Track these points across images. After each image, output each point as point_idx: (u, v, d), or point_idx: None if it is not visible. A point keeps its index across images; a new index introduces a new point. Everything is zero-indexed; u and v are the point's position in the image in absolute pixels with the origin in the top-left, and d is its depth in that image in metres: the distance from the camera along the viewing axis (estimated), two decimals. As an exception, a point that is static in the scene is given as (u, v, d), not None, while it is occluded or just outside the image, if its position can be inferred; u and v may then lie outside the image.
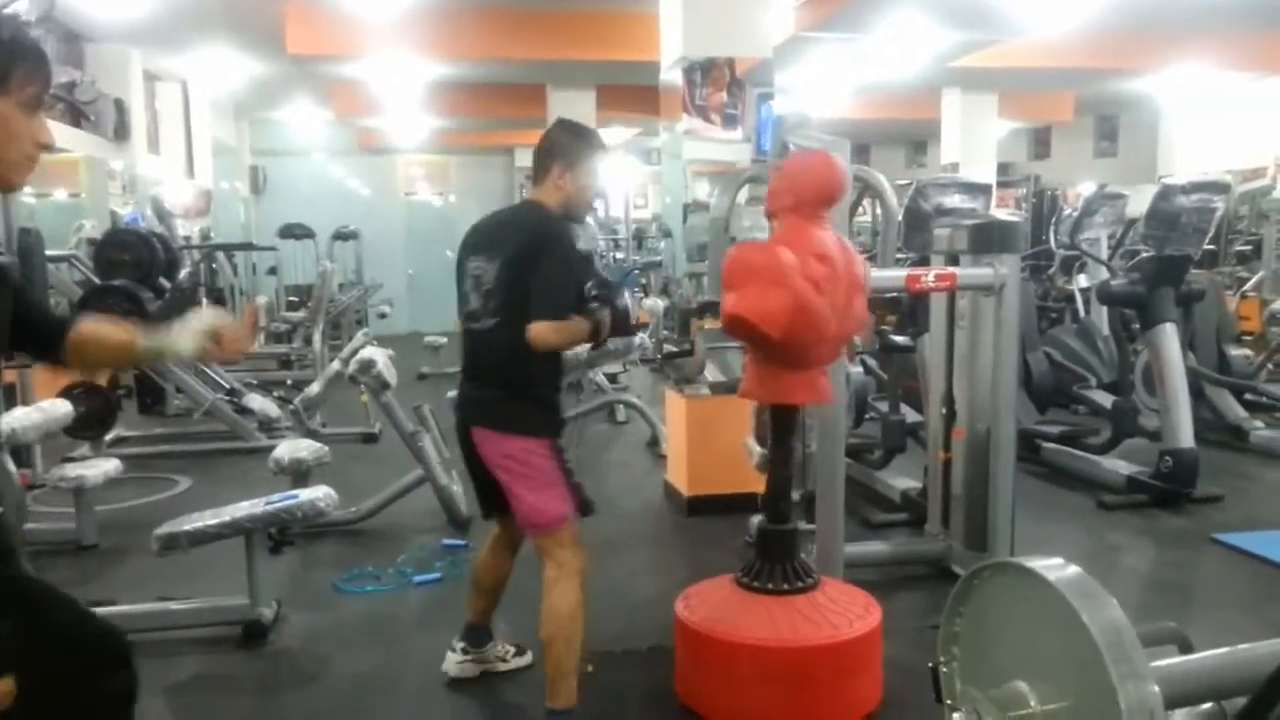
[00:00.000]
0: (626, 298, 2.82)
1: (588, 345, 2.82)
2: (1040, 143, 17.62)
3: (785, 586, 2.82)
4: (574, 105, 10.20)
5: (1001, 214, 4.48)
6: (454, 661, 3.08)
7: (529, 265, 2.56)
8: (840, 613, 2.79)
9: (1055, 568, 1.43)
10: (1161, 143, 14.48)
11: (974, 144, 12.30)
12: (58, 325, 1.82)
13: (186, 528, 3.38)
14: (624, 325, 2.80)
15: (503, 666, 3.15)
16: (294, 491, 3.62)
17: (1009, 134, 15.02)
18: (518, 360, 2.60)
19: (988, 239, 3.78)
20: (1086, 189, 14.06)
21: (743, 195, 4.89)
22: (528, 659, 3.16)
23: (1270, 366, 7.35)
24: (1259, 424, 6.16)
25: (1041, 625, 1.43)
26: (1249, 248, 10.99)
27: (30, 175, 1.54)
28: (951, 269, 3.72)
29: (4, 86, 1.45)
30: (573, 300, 2.63)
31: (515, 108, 11.84)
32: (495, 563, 3.02)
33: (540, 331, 2.53)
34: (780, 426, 2.91)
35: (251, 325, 2.10)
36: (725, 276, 2.69)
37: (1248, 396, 6.44)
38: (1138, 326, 5.35)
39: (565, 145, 2.72)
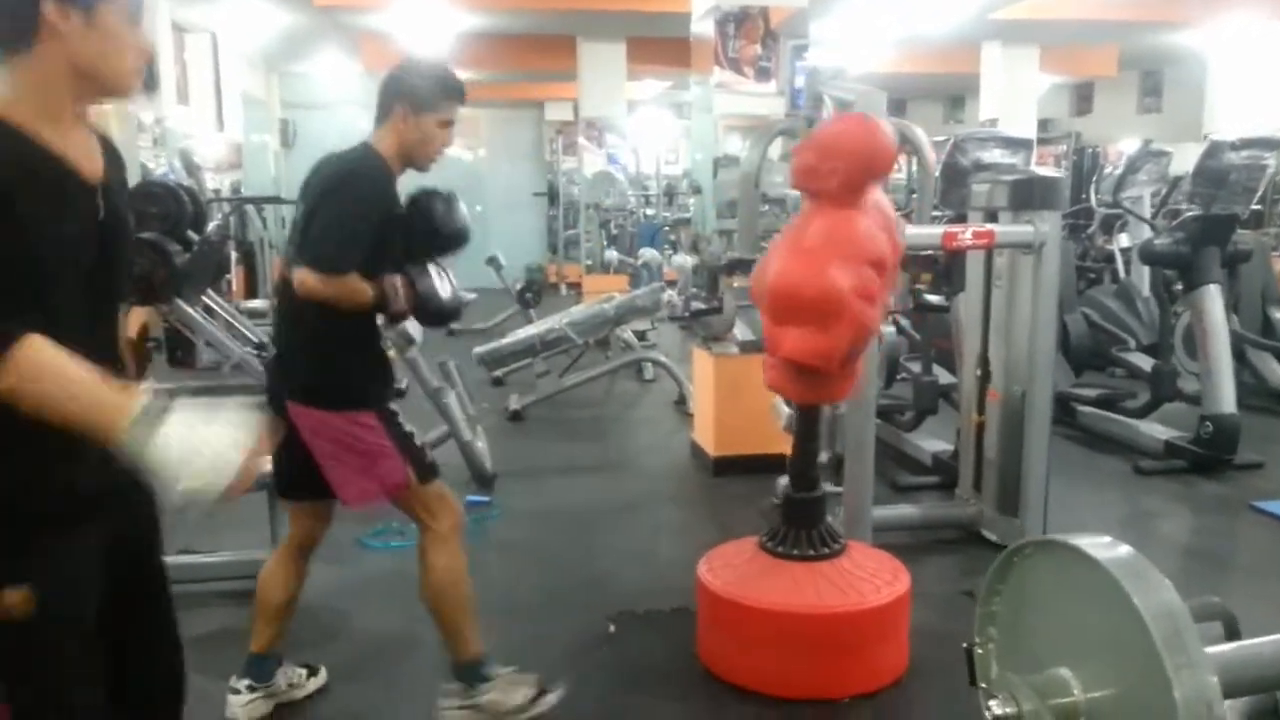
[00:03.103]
0: (435, 281, 2.45)
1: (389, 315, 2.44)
2: (1082, 98, 17.17)
3: (811, 552, 2.75)
4: (604, 57, 10.05)
5: (1042, 170, 4.32)
6: (239, 704, 2.63)
7: (319, 211, 2.31)
8: (867, 579, 2.72)
9: (1104, 546, 1.35)
10: (1208, 99, 14.05)
11: (1014, 99, 11.98)
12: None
13: (209, 482, 3.36)
14: (426, 308, 2.46)
15: (299, 694, 2.76)
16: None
17: (1049, 89, 14.63)
18: (320, 320, 2.31)
19: (1028, 195, 3.65)
20: (1128, 146, 13.72)
21: (775, 150, 4.77)
22: (322, 677, 2.83)
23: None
24: (1303, 389, 5.99)
25: (1088, 608, 1.35)
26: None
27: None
28: (990, 226, 3.60)
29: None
30: (358, 254, 2.29)
31: (545, 60, 11.68)
32: (286, 575, 2.63)
33: (302, 279, 2.24)
34: (807, 413, 2.83)
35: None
36: (774, 307, 2.47)
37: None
38: (1180, 288, 5.20)
39: (413, 85, 2.39)
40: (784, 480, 4.22)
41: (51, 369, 1.29)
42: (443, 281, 2.49)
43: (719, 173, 6.79)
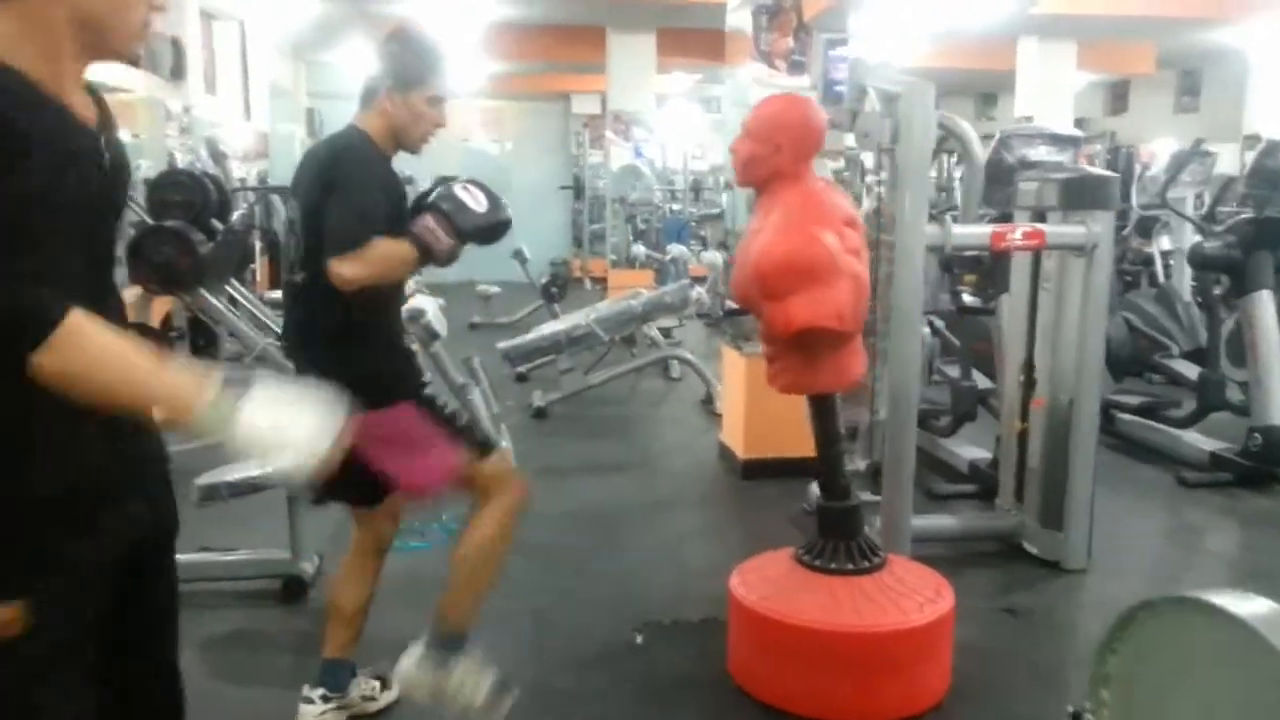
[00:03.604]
0: (466, 199, 2.24)
1: (432, 265, 2.24)
2: (1117, 97, 16.88)
3: (850, 566, 2.63)
4: (634, 49, 9.92)
5: (1094, 169, 4.17)
6: (313, 715, 2.47)
7: (324, 204, 2.16)
8: (909, 595, 2.60)
9: (1247, 604, 1.19)
10: (1248, 99, 13.75)
11: (1050, 96, 11.76)
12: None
13: (227, 478, 3.28)
14: (470, 231, 2.24)
15: (373, 707, 2.62)
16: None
17: (1085, 87, 14.38)
18: (337, 318, 2.19)
19: (1079, 194, 3.50)
20: (1164, 146, 13.46)
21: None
22: (395, 693, 2.63)
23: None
24: (1352, 400, 5.78)
25: (1230, 672, 1.20)
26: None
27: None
28: (1040, 226, 3.45)
29: None
30: (379, 220, 2.16)
31: (573, 51, 11.57)
32: (358, 574, 2.50)
33: (339, 271, 2.08)
34: (821, 406, 2.70)
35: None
36: (770, 284, 2.44)
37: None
38: (1218, 292, 5.02)
39: (397, 61, 2.25)
40: (815, 485, 4.12)
41: (108, 352, 1.18)
42: (474, 195, 2.27)
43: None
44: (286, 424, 1.23)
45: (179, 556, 1.55)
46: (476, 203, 2.25)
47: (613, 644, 3.00)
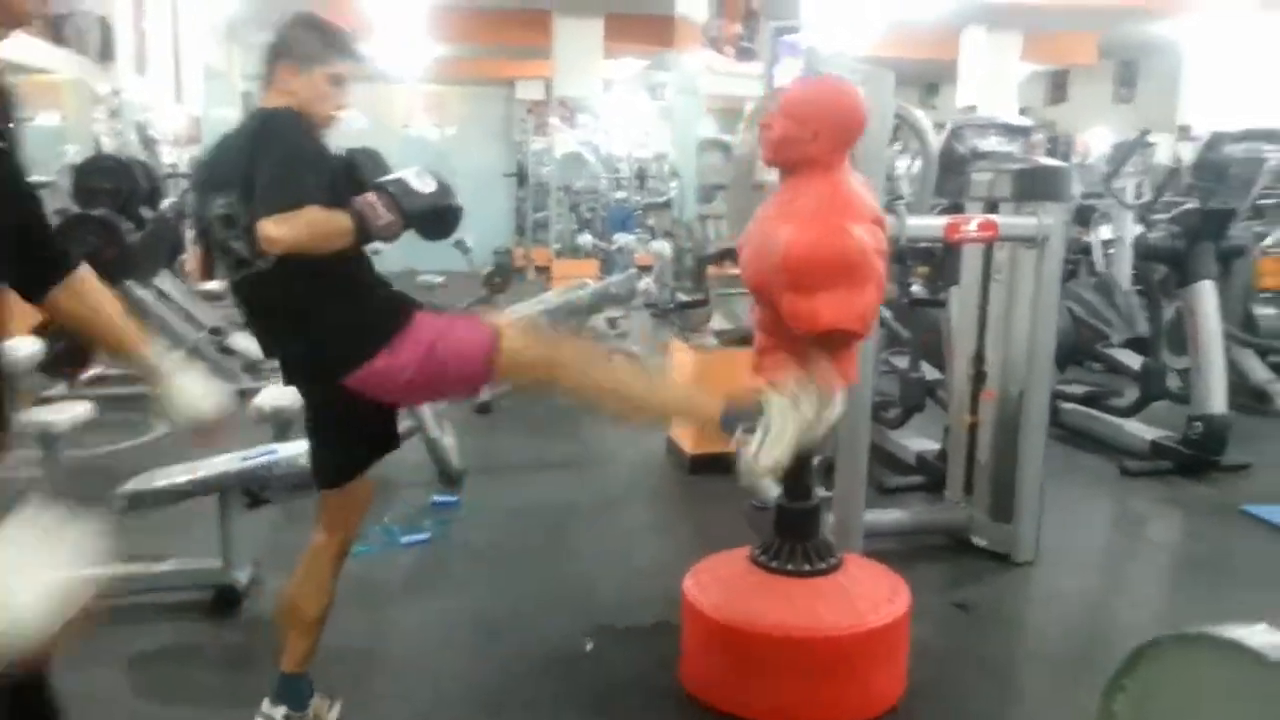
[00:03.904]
0: (412, 180, 2.15)
1: (373, 242, 2.14)
2: (1057, 87, 17.14)
3: (807, 568, 2.57)
4: (581, 34, 9.78)
5: (1047, 159, 4.17)
6: None
7: None
8: (866, 596, 2.55)
9: (1258, 636, 1.14)
10: (1183, 90, 14.03)
11: (994, 86, 11.87)
12: (57, 257, 1.62)
13: (154, 485, 3.13)
14: (413, 212, 2.14)
15: None
16: (274, 446, 3.36)
17: (1027, 77, 14.55)
18: (319, 283, 2.12)
19: (1032, 186, 3.48)
20: (1098, 136, 13.68)
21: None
22: (337, 710, 2.50)
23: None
24: (1285, 387, 5.90)
25: (1242, 706, 1.14)
26: (1272, 201, 10.64)
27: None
28: (994, 217, 3.42)
29: None
30: (311, 183, 2.05)
31: (518, 35, 11.39)
32: (320, 579, 2.34)
33: (266, 230, 1.95)
34: None
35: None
36: (799, 276, 2.31)
37: (1271, 358, 6.17)
38: (1159, 280, 5.06)
39: (297, 40, 2.20)
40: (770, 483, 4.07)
41: None
42: (422, 179, 2.18)
43: (700, 156, 6.56)
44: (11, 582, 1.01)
45: (104, 568, 1.51)
46: (424, 185, 2.18)
47: (563, 649, 2.91)
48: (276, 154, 2.05)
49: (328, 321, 2.16)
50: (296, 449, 3.29)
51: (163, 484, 3.12)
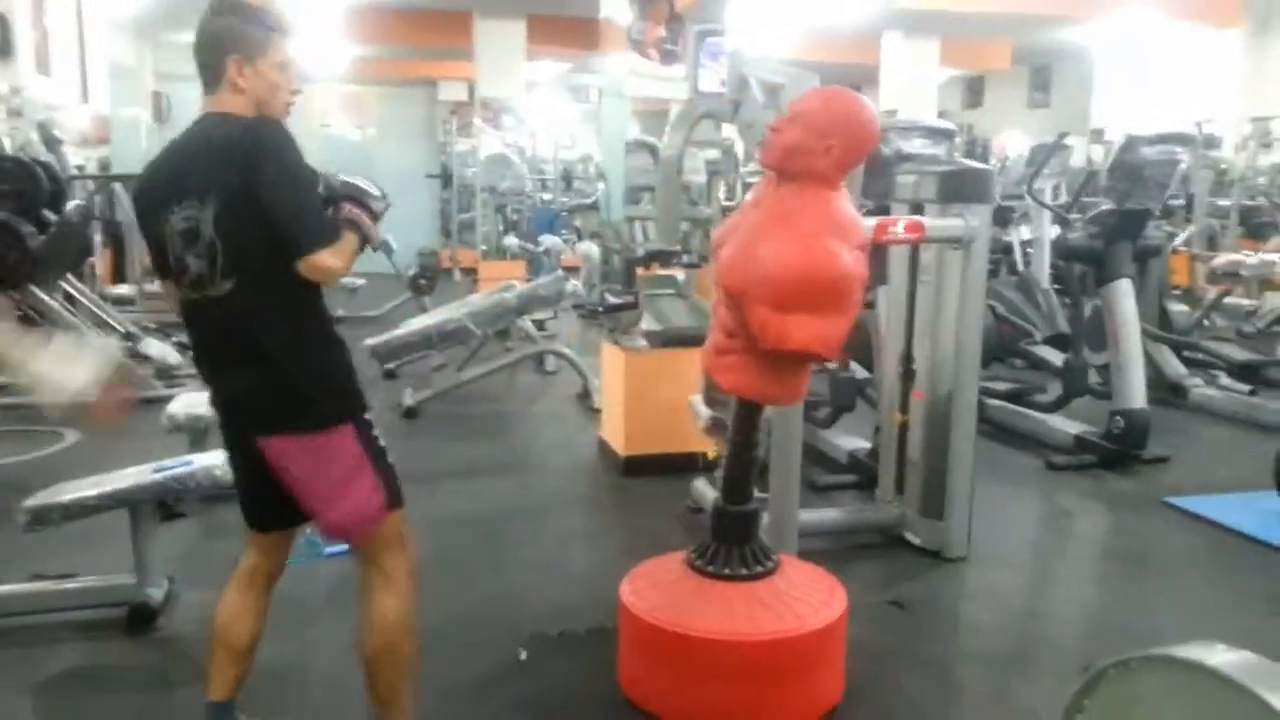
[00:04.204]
0: (362, 184, 2.16)
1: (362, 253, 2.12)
2: (973, 92, 17.55)
3: (744, 571, 2.54)
4: (503, 35, 9.67)
5: (971, 162, 4.22)
6: None
7: (254, 200, 1.92)
8: (803, 600, 2.52)
9: (1230, 658, 1.10)
10: (1095, 95, 14.47)
11: (913, 90, 12.08)
12: None
13: (61, 499, 2.96)
14: (379, 210, 2.16)
15: None
16: (188, 457, 3.21)
17: (944, 82, 14.86)
18: (276, 327, 2.01)
19: (958, 188, 3.52)
20: (1013, 139, 14.04)
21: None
22: None
23: (1204, 323, 7.32)
24: (1198, 381, 6.09)
25: None
26: (1179, 202, 11.03)
27: None
28: (920, 219, 3.44)
29: None
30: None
31: (439, 36, 11.23)
32: (251, 606, 2.25)
33: (325, 264, 1.94)
34: (751, 410, 2.60)
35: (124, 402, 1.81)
36: (781, 294, 2.25)
37: (1186, 354, 6.37)
38: (1078, 278, 5.16)
39: (236, 32, 2.02)
40: (700, 483, 4.04)
41: None
42: (363, 182, 2.18)
43: (627, 158, 6.51)
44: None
45: (4, 588, 1.50)
46: (372, 187, 2.17)
47: (497, 663, 2.83)
48: (295, 177, 1.97)
49: (278, 364, 2.01)
50: (213, 459, 3.15)
51: (70, 498, 2.96)
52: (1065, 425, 5.06)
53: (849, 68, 13.99)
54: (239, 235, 1.95)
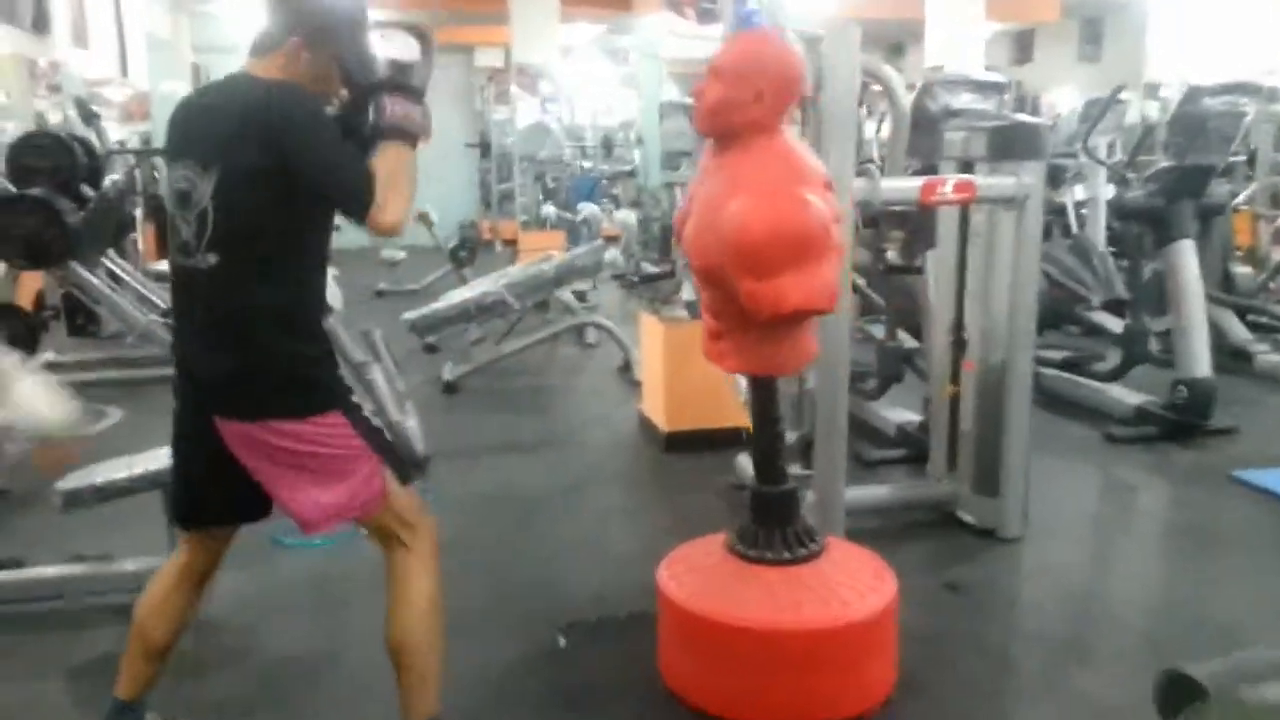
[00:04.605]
0: (383, 48, 1.95)
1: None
2: (1021, 47, 17.03)
3: (786, 555, 2.42)
4: (536, -2, 9.47)
5: (1024, 116, 4.01)
6: None
7: (264, 174, 1.82)
8: (850, 584, 2.40)
9: None
10: (1149, 48, 13.95)
11: (959, 45, 11.70)
12: None
13: (93, 481, 2.92)
14: (421, 84, 1.97)
15: None
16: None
17: (991, 37, 14.41)
18: (260, 312, 1.89)
19: (1009, 144, 3.33)
20: (1063, 95, 13.58)
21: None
22: None
23: (1270, 286, 7.01)
24: (1264, 347, 5.82)
25: None
26: (1240, 157, 10.60)
27: None
28: (970, 178, 3.27)
29: None
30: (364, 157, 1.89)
31: (473, 1, 11.06)
32: (176, 604, 2.13)
33: (384, 221, 1.84)
34: (764, 385, 2.47)
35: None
36: (753, 257, 2.11)
37: (1250, 318, 6.10)
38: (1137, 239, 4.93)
39: (315, 13, 1.93)
40: (743, 458, 3.92)
41: None
42: (399, 44, 1.96)
43: (663, 121, 6.34)
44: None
45: (39, 571, 1.52)
46: (408, 50, 1.95)
47: (534, 648, 2.75)
48: (325, 146, 1.85)
49: (261, 348, 1.90)
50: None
51: (102, 480, 2.91)
52: (1125, 395, 4.85)
53: (891, 24, 13.64)
54: (236, 210, 1.85)
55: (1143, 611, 3.07)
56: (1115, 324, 5.25)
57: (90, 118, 7.73)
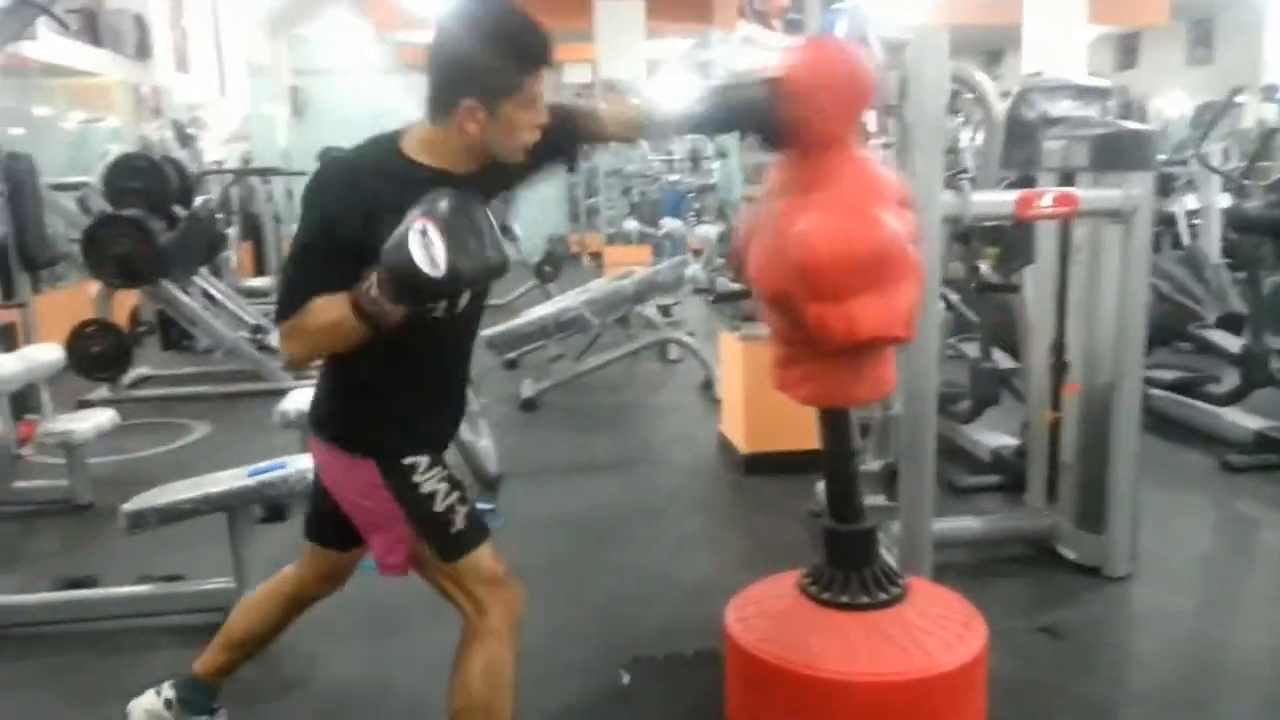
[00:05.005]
0: (413, 242, 1.56)
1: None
2: (1126, 51, 16.36)
3: (864, 599, 2.23)
4: (621, 14, 9.45)
5: (1131, 123, 3.74)
6: (142, 709, 2.28)
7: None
8: (934, 633, 2.20)
9: None
10: (1266, 48, 13.22)
11: (1059, 51, 11.24)
12: None
13: (157, 503, 2.91)
14: (403, 288, 1.60)
15: None
16: (283, 460, 3.11)
17: (1094, 40, 13.86)
18: (349, 367, 1.83)
19: (1115, 153, 3.09)
20: (1171, 101, 12.95)
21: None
22: None
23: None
24: (1400, 367, 5.35)
25: None
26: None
27: None
28: (1071, 190, 3.03)
29: None
30: (306, 289, 1.70)
31: (557, 18, 10.97)
32: (271, 611, 2.20)
33: (282, 345, 1.78)
34: (837, 415, 2.29)
35: None
36: (823, 281, 1.94)
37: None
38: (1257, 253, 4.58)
39: (484, 69, 1.67)
40: (823, 485, 3.73)
41: None
42: (430, 242, 1.57)
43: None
44: None
45: (109, 591, 1.34)
46: (430, 259, 1.57)
47: (597, 685, 2.63)
48: (296, 239, 1.79)
49: (334, 377, 1.93)
50: (306, 461, 3.04)
51: (164, 502, 2.90)
52: (1244, 419, 4.50)
53: (988, 30, 13.21)
54: None
55: (1265, 662, 2.78)
56: (1231, 342, 4.90)
57: (186, 140, 7.94)
